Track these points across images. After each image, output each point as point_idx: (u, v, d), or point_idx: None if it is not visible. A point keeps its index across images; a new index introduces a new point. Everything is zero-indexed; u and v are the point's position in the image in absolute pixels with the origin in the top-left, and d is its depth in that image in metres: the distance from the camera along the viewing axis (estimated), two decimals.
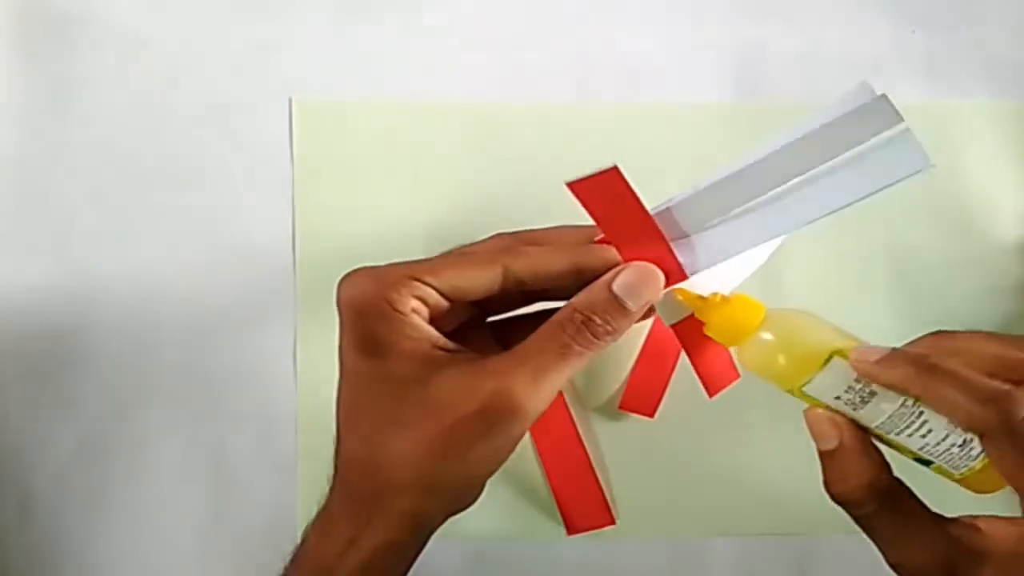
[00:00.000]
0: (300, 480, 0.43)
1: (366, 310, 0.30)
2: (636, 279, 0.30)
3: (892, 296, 0.44)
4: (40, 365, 0.43)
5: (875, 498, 0.29)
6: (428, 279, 0.29)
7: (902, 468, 0.31)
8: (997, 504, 0.31)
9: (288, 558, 0.33)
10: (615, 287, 0.30)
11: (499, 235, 0.33)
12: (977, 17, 0.46)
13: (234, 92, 0.44)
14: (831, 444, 0.30)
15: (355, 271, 0.31)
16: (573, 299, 0.30)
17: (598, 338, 0.30)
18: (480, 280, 0.30)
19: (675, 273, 0.31)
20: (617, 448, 0.43)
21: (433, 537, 0.32)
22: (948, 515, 0.30)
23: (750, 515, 0.43)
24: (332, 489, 0.32)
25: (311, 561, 0.31)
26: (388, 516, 0.30)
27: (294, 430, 0.43)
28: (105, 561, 0.43)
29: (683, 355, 0.43)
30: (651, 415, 0.43)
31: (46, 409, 0.43)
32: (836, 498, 0.30)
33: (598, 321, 0.29)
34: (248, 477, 0.43)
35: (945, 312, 0.44)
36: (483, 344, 0.33)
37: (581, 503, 0.42)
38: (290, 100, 0.44)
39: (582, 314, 0.29)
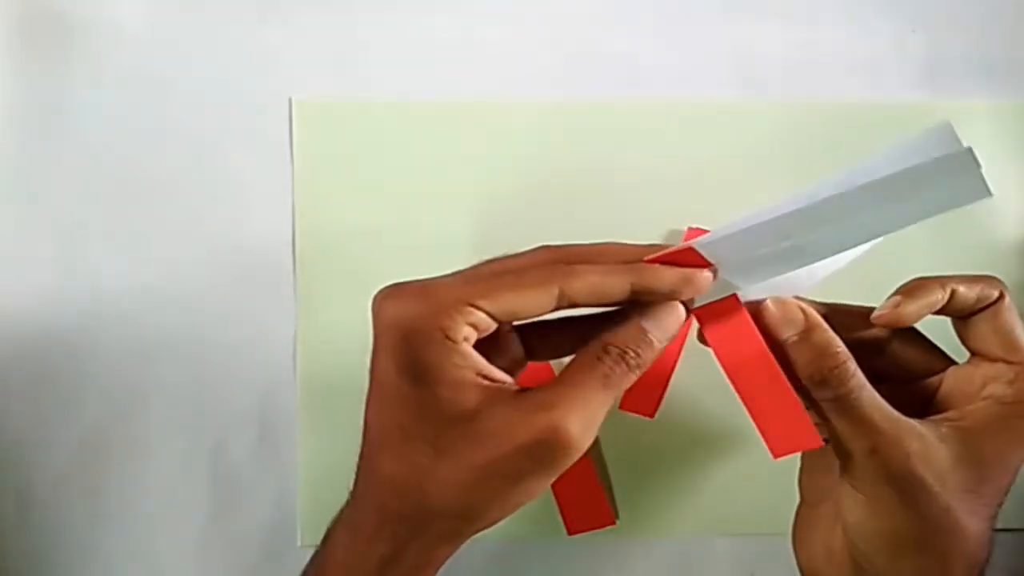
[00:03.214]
0: (300, 480, 0.43)
1: (416, 334, 0.28)
2: (663, 316, 0.31)
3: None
4: (40, 366, 0.43)
5: (852, 366, 0.30)
6: (483, 304, 0.28)
7: None
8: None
9: (307, 570, 0.33)
10: (645, 324, 0.30)
11: (545, 248, 0.32)
12: (977, 17, 0.46)
13: (234, 92, 0.44)
14: (800, 326, 0.31)
15: (400, 287, 0.30)
16: (605, 335, 0.30)
17: (631, 371, 0.30)
18: (536, 303, 0.29)
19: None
20: (617, 448, 0.43)
21: None
22: None
23: (750, 515, 0.43)
24: (358, 504, 0.31)
25: None
26: (430, 538, 0.30)
27: (294, 430, 0.43)
28: (105, 561, 0.43)
29: (682, 356, 0.43)
30: (651, 415, 0.43)
31: (46, 409, 0.43)
32: (824, 374, 0.30)
33: (631, 355, 0.30)
34: (248, 477, 0.43)
35: None
36: (509, 349, 0.33)
37: (581, 503, 0.42)
38: (290, 100, 0.44)
39: (618, 347, 0.30)
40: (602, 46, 0.45)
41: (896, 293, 0.32)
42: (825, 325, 0.31)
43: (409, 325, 0.29)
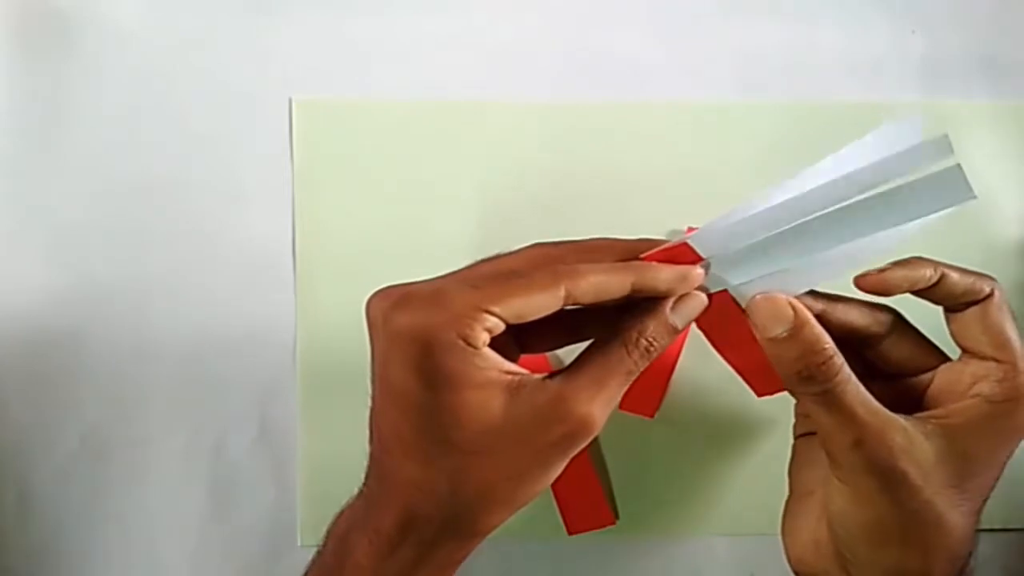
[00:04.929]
0: (300, 480, 0.43)
1: (436, 343, 0.28)
2: (691, 309, 0.31)
3: (890, 297, 0.44)
4: (40, 365, 0.43)
5: (839, 360, 0.30)
6: (495, 309, 0.29)
7: None
8: None
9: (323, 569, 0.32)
10: (674, 316, 0.31)
11: (540, 246, 0.32)
12: (977, 17, 0.46)
13: (234, 92, 0.44)
14: (789, 323, 0.31)
15: (406, 296, 0.30)
16: (639, 325, 0.31)
17: (650, 361, 0.31)
18: (544, 305, 0.29)
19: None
20: (617, 448, 0.43)
21: None
22: None
23: (750, 515, 0.43)
24: (376, 509, 0.31)
25: None
26: (463, 537, 0.31)
27: (294, 430, 0.43)
28: (105, 560, 0.43)
29: (682, 356, 0.43)
30: (651, 415, 0.43)
31: (46, 409, 0.43)
32: (812, 371, 0.30)
33: (656, 346, 0.31)
34: (248, 476, 0.43)
35: None
36: (506, 346, 0.33)
37: (581, 503, 0.42)
38: (290, 100, 0.44)
39: (647, 340, 0.30)
40: (602, 46, 0.45)
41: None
42: (814, 321, 0.31)
43: (427, 335, 0.29)
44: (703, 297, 0.31)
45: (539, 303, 0.29)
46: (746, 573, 0.44)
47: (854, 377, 0.31)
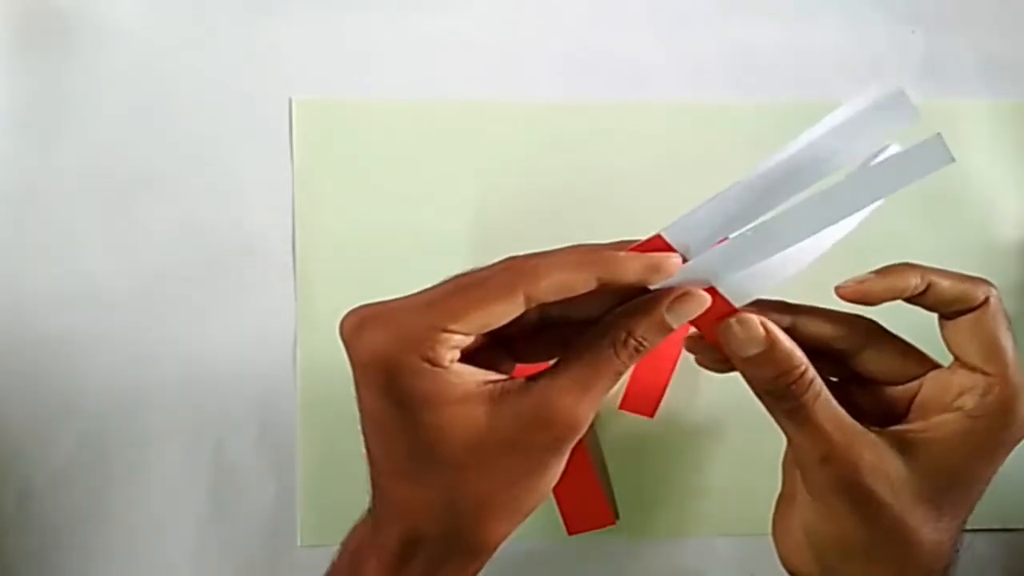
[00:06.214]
0: (300, 480, 0.43)
1: (401, 368, 0.28)
2: (689, 307, 0.30)
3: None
4: (40, 365, 0.43)
5: (810, 377, 0.30)
6: (453, 326, 0.28)
7: None
8: None
9: None
10: (670, 316, 0.30)
11: (511, 258, 0.31)
12: (977, 17, 0.46)
13: (234, 92, 0.44)
14: (762, 344, 0.30)
15: (368, 318, 0.29)
16: (629, 323, 0.29)
17: (639, 359, 0.30)
18: (503, 312, 0.28)
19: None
20: (617, 448, 0.43)
21: None
22: None
23: (750, 515, 0.43)
24: (382, 528, 0.31)
25: None
26: (470, 552, 0.30)
27: (294, 430, 0.43)
28: (105, 560, 0.43)
29: (682, 356, 0.43)
30: (651, 415, 0.43)
31: (46, 409, 0.43)
32: (783, 390, 0.30)
33: (647, 344, 0.30)
34: (248, 477, 0.43)
35: None
36: (495, 360, 0.32)
37: (581, 503, 0.42)
38: (290, 100, 0.44)
39: (636, 340, 0.29)
40: (602, 46, 0.45)
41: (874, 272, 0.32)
42: (785, 338, 0.30)
43: (390, 361, 0.28)
44: (705, 296, 0.30)
45: (499, 312, 0.28)
46: (746, 573, 0.44)
47: (826, 391, 0.30)
